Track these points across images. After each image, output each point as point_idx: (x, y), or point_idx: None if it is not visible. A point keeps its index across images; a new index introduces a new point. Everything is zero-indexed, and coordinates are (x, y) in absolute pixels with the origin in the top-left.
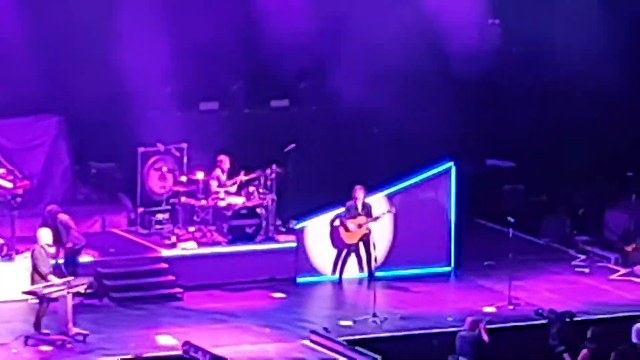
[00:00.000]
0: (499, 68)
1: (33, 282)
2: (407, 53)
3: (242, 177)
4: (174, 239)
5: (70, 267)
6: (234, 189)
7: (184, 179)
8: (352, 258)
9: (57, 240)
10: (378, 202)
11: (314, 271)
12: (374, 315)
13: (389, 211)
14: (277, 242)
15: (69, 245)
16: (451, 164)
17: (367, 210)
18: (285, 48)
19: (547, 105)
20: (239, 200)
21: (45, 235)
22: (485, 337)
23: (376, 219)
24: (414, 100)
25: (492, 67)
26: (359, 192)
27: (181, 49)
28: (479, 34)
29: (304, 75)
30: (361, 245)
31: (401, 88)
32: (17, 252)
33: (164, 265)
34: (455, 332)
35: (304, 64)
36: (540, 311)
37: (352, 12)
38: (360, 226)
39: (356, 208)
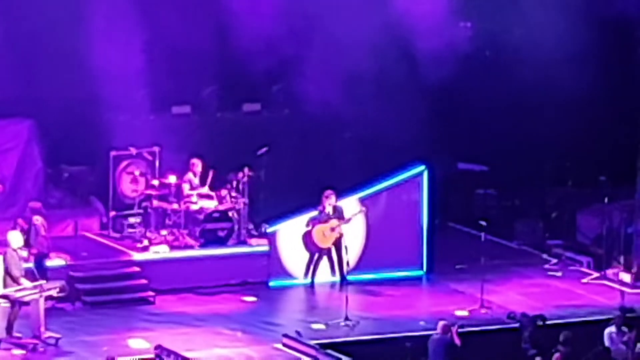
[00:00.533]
0: (471, 71)
1: (5, 285)
2: (378, 56)
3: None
4: (146, 242)
5: (39, 271)
6: (206, 189)
7: (156, 182)
8: (324, 262)
9: (26, 242)
10: (351, 205)
11: (286, 275)
12: (346, 318)
13: (360, 211)
14: (250, 245)
15: (34, 250)
16: (423, 167)
17: (338, 213)
18: (257, 52)
19: (519, 108)
20: (211, 204)
21: (15, 238)
22: (457, 341)
23: (348, 220)
24: (386, 104)
25: (464, 71)
26: (330, 197)
27: (154, 52)
28: (450, 37)
29: (276, 79)
30: (333, 249)
31: (373, 91)
32: None
33: (136, 268)
34: (427, 336)
35: (275, 67)
36: (512, 315)
37: (324, 15)
38: (333, 229)
39: (327, 213)
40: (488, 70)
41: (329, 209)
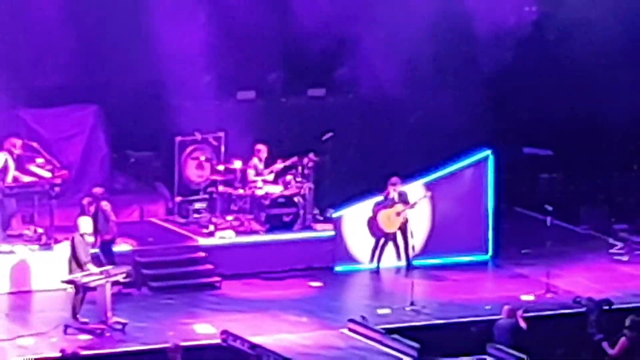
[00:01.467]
0: (536, 54)
1: (71, 271)
2: (442, 40)
3: (278, 166)
4: (211, 227)
5: (107, 257)
6: (271, 177)
7: (221, 167)
8: (390, 247)
9: (94, 228)
10: (415, 190)
11: (351, 260)
12: (412, 303)
13: (425, 196)
14: (315, 230)
15: (107, 237)
16: (489, 152)
17: (403, 198)
18: (321, 36)
19: (585, 92)
20: (276, 189)
21: (85, 223)
22: (522, 325)
23: (413, 205)
24: (451, 88)
25: (529, 54)
26: (396, 183)
27: (219, 37)
28: (515, 21)
29: (340, 64)
30: (399, 233)
31: (438, 76)
32: (56, 242)
33: (202, 254)
34: (493, 320)
35: (340, 52)
36: (578, 299)
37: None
38: (397, 214)
39: (392, 198)
40: (553, 53)
41: (393, 195)
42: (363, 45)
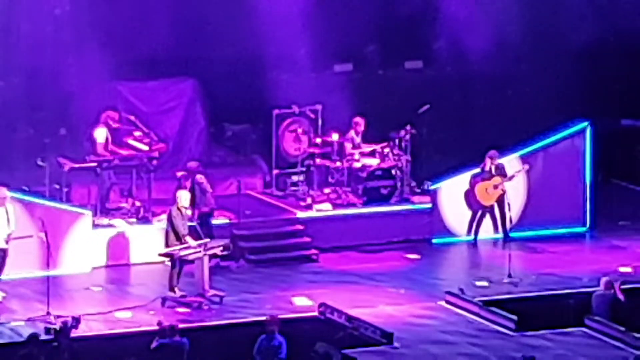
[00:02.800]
0: (635, 27)
1: (167, 244)
2: (540, 12)
3: (377, 148)
4: (309, 200)
5: (205, 229)
6: (369, 149)
7: (318, 140)
8: (487, 219)
9: (191, 201)
10: (512, 163)
11: (448, 232)
12: (509, 275)
13: (522, 169)
14: (412, 203)
15: (205, 209)
16: (586, 123)
17: (501, 171)
18: (419, 9)
19: None
20: (373, 162)
21: (184, 197)
22: (620, 297)
23: (511, 178)
24: (548, 61)
25: (628, 27)
26: (494, 157)
27: (316, 9)
28: None
29: (438, 37)
30: (496, 205)
31: (535, 48)
32: (154, 215)
33: (300, 227)
34: (590, 292)
35: (437, 25)
36: None
37: None
38: (495, 187)
39: (490, 171)
40: None
41: (491, 167)
42: (459, 18)
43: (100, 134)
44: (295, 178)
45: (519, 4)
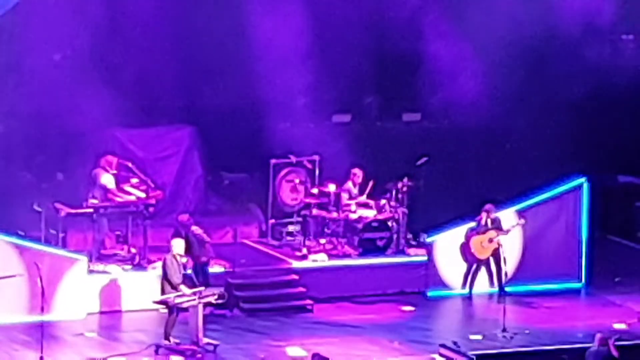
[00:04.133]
0: (631, 84)
1: (163, 291)
2: (537, 66)
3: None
4: (304, 250)
5: (201, 278)
6: (364, 198)
7: (315, 191)
8: (483, 272)
9: (187, 252)
10: (508, 217)
11: (444, 285)
12: (504, 330)
13: (518, 223)
14: (408, 255)
15: (204, 259)
16: (583, 179)
17: (496, 224)
18: (417, 62)
19: None
20: (370, 213)
21: (178, 245)
22: (615, 354)
23: (507, 232)
24: (546, 115)
25: (624, 83)
26: (490, 210)
27: (315, 60)
28: (612, 49)
29: (436, 90)
30: (491, 259)
31: (533, 103)
32: (149, 262)
33: (295, 276)
34: (585, 349)
35: (436, 78)
36: None
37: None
38: (490, 241)
39: (486, 224)
40: None
41: (487, 221)
42: (457, 72)
43: (110, 180)
44: (291, 228)
45: (516, 57)
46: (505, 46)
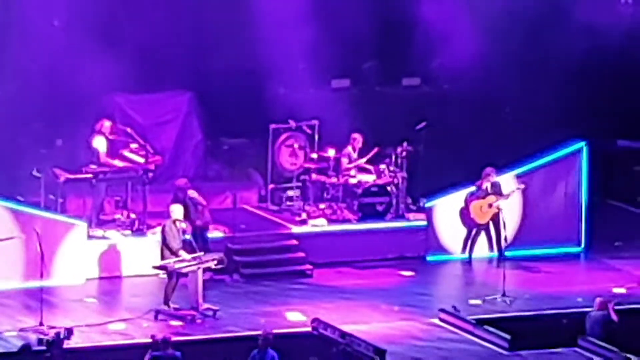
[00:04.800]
0: (631, 48)
1: (163, 257)
2: (535, 30)
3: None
4: (304, 215)
5: (200, 243)
6: (363, 161)
7: (314, 156)
8: (482, 237)
9: (186, 216)
10: (508, 181)
11: (443, 250)
12: (504, 294)
13: (518, 188)
14: (407, 220)
15: (199, 222)
16: (583, 144)
17: (496, 189)
18: (417, 27)
19: None
20: (369, 178)
21: (177, 210)
22: (614, 317)
23: (506, 196)
24: (545, 80)
25: (623, 47)
26: (490, 174)
27: (314, 25)
28: (611, 13)
29: (435, 54)
30: (491, 224)
31: (532, 67)
32: (149, 227)
33: (294, 242)
34: (584, 313)
35: (435, 43)
36: None
37: None
38: (490, 205)
39: (485, 189)
40: None
41: (487, 185)
42: (457, 37)
43: (101, 143)
44: (290, 193)
45: (517, 22)
46: (503, 11)
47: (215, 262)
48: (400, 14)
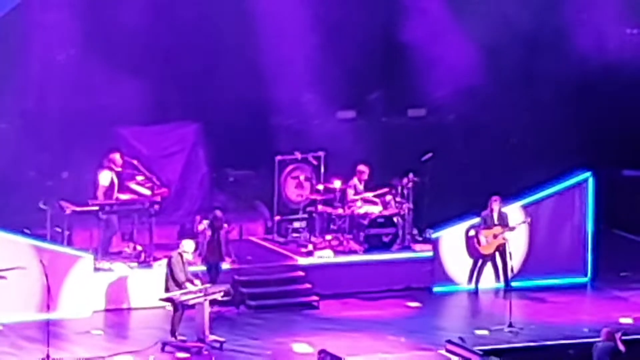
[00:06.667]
0: (638, 79)
1: (167, 289)
2: (543, 60)
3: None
4: (310, 247)
5: (213, 274)
6: (371, 195)
7: (321, 187)
8: (488, 267)
9: (213, 248)
10: (514, 212)
11: (449, 281)
12: (510, 325)
13: (524, 222)
14: (414, 251)
15: (229, 259)
16: (589, 174)
17: (503, 220)
18: (423, 57)
19: None
20: (375, 209)
21: (188, 245)
22: (621, 348)
23: (512, 229)
24: (552, 110)
25: (630, 77)
26: (495, 203)
27: (321, 56)
28: (617, 43)
29: (441, 85)
30: (497, 254)
31: (541, 97)
32: (155, 259)
33: (301, 273)
34: (591, 343)
35: (440, 73)
36: None
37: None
38: (495, 236)
39: (492, 218)
40: None
41: (494, 215)
42: (462, 67)
43: (104, 178)
44: (296, 224)
45: (523, 51)
46: (509, 41)
47: (222, 293)
48: (405, 46)
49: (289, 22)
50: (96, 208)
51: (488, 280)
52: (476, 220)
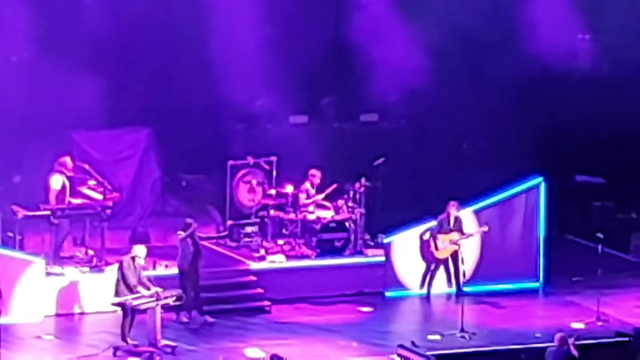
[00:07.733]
0: (588, 84)
1: (118, 293)
2: (495, 66)
3: (330, 189)
4: (262, 252)
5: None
6: (321, 197)
7: (273, 192)
8: (441, 272)
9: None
10: (466, 217)
11: (401, 285)
12: (462, 330)
13: (483, 230)
14: (366, 256)
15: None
16: (541, 179)
17: (459, 225)
18: (374, 62)
19: (638, 122)
20: (327, 214)
21: (140, 250)
22: (575, 353)
23: (469, 236)
24: (504, 116)
25: (581, 83)
26: (453, 208)
27: (272, 61)
28: (569, 49)
29: (393, 90)
30: (450, 259)
31: (492, 102)
32: (107, 264)
33: (253, 278)
34: (544, 348)
35: (393, 78)
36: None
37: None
38: (452, 242)
39: (448, 222)
40: (607, 83)
41: (450, 220)
42: (414, 72)
43: (56, 182)
44: (249, 229)
45: (475, 56)
46: (459, 46)
47: (174, 298)
48: (358, 51)
49: (241, 28)
50: (48, 212)
51: (440, 285)
52: (432, 223)
